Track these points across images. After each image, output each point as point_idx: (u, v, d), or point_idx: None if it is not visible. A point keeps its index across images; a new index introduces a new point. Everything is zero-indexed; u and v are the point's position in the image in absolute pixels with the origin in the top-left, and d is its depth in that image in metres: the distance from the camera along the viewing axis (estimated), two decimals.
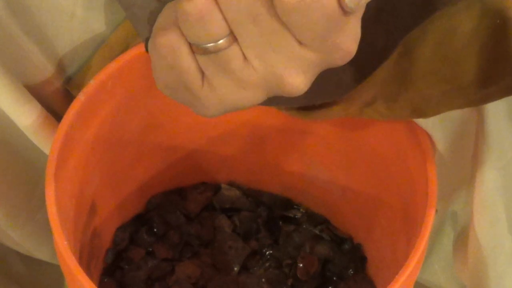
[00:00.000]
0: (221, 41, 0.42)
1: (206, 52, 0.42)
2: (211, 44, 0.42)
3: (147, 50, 0.46)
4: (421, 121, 0.62)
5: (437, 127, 0.62)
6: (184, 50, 0.43)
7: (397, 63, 0.56)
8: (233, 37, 0.42)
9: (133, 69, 0.65)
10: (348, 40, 0.42)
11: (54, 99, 0.67)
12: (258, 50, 0.42)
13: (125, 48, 0.65)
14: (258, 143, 0.76)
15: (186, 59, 0.43)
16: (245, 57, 0.42)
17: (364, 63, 0.56)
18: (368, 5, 0.42)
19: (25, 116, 0.63)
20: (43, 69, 0.64)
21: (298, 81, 0.43)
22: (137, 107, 0.69)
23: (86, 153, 0.66)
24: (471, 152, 0.63)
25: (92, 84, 0.63)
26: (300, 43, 0.42)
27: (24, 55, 0.63)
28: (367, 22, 0.43)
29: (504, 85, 0.53)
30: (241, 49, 0.42)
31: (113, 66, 0.64)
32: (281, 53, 0.42)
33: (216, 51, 0.42)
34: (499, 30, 0.51)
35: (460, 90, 0.55)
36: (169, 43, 0.43)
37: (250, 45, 0.42)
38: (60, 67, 0.65)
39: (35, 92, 0.64)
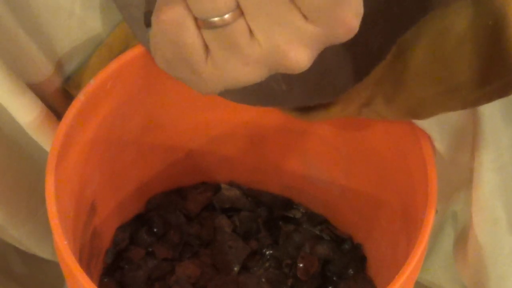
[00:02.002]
0: (227, 15, 0.42)
1: (212, 26, 0.42)
2: (218, 18, 0.42)
3: (146, 25, 0.45)
4: (420, 122, 0.62)
5: (436, 127, 0.62)
6: (190, 25, 0.43)
7: (391, 65, 0.56)
8: (239, 11, 0.42)
9: (133, 69, 0.65)
10: (351, 15, 0.42)
11: (55, 98, 0.67)
12: (264, 24, 0.42)
13: (125, 48, 0.65)
14: (258, 143, 0.76)
15: (191, 34, 0.43)
16: (250, 32, 0.42)
17: (360, 64, 0.56)
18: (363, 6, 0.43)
19: (26, 113, 0.63)
20: (43, 68, 0.65)
21: (301, 57, 0.43)
22: (137, 107, 0.69)
23: (86, 153, 0.66)
24: (470, 152, 0.63)
25: (92, 84, 0.63)
26: (305, 17, 0.42)
27: (24, 54, 0.63)
28: (362, 23, 0.44)
29: (497, 86, 0.53)
30: (246, 23, 0.42)
31: (113, 66, 0.64)
32: (286, 28, 0.42)
33: (223, 25, 0.42)
34: (491, 31, 0.51)
35: (454, 92, 0.55)
36: (174, 17, 0.42)
37: (256, 19, 0.42)
38: (60, 66, 0.65)
39: (36, 91, 0.64)
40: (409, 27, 0.53)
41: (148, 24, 0.45)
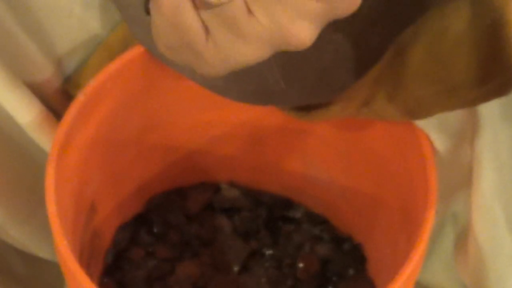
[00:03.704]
0: None
1: (209, 6, 0.42)
2: None
3: (146, 13, 0.45)
4: (419, 122, 0.62)
5: (436, 127, 0.62)
6: (187, 6, 0.42)
7: (390, 64, 0.56)
8: None
9: (133, 69, 0.65)
10: None
11: (54, 98, 0.67)
12: (263, 2, 0.41)
13: (124, 48, 0.65)
14: (258, 143, 0.76)
15: (189, 16, 0.42)
16: (249, 10, 0.42)
17: (358, 62, 0.56)
18: (361, 4, 0.43)
19: (26, 113, 0.63)
20: (43, 69, 0.65)
21: (303, 33, 0.42)
22: (137, 107, 0.69)
23: (86, 153, 0.66)
24: (469, 153, 0.63)
25: (92, 84, 0.64)
26: None
27: (24, 54, 0.63)
28: (361, 22, 0.44)
29: (495, 86, 0.53)
30: (245, 1, 0.42)
31: (112, 66, 0.64)
32: (286, 4, 0.41)
33: (219, 4, 0.42)
34: (489, 31, 0.51)
35: (452, 91, 0.55)
36: (171, 0, 0.42)
37: None
38: (59, 66, 0.65)
39: (36, 91, 0.64)
40: (407, 26, 0.53)
41: (148, 11, 0.45)
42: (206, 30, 0.43)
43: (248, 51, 0.43)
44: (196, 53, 0.44)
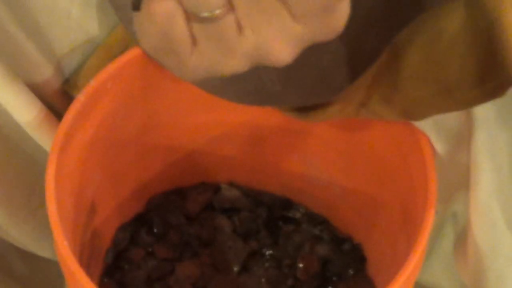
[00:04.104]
0: (218, 10, 0.43)
1: (202, 20, 0.43)
2: (208, 13, 0.43)
3: (133, 8, 0.46)
4: (419, 123, 0.62)
5: (435, 128, 0.62)
6: (180, 18, 0.43)
7: (387, 65, 0.56)
8: (229, 6, 0.43)
9: (133, 69, 0.65)
10: (338, 19, 0.43)
11: (54, 99, 0.67)
12: (253, 21, 0.43)
13: (124, 48, 0.65)
14: (258, 143, 0.76)
15: (180, 28, 0.43)
16: (238, 27, 0.43)
17: (355, 63, 0.56)
18: (358, 6, 0.43)
19: (26, 112, 0.63)
20: (43, 69, 0.65)
21: (284, 54, 0.44)
22: (137, 107, 0.69)
23: (86, 153, 0.66)
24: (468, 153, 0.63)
25: (92, 84, 0.64)
26: (292, 17, 0.43)
27: (23, 55, 0.63)
28: (359, 23, 0.44)
29: (490, 87, 0.53)
30: (235, 19, 0.43)
31: (112, 67, 0.64)
32: (273, 26, 0.43)
33: (212, 20, 0.43)
34: (484, 33, 0.52)
35: (448, 92, 0.55)
36: (165, 10, 0.43)
37: (245, 16, 0.43)
38: (59, 67, 0.65)
39: (36, 92, 0.65)
40: (403, 27, 0.53)
41: (135, 7, 0.45)
42: (194, 41, 0.44)
43: (231, 63, 0.45)
44: (179, 59, 0.45)
